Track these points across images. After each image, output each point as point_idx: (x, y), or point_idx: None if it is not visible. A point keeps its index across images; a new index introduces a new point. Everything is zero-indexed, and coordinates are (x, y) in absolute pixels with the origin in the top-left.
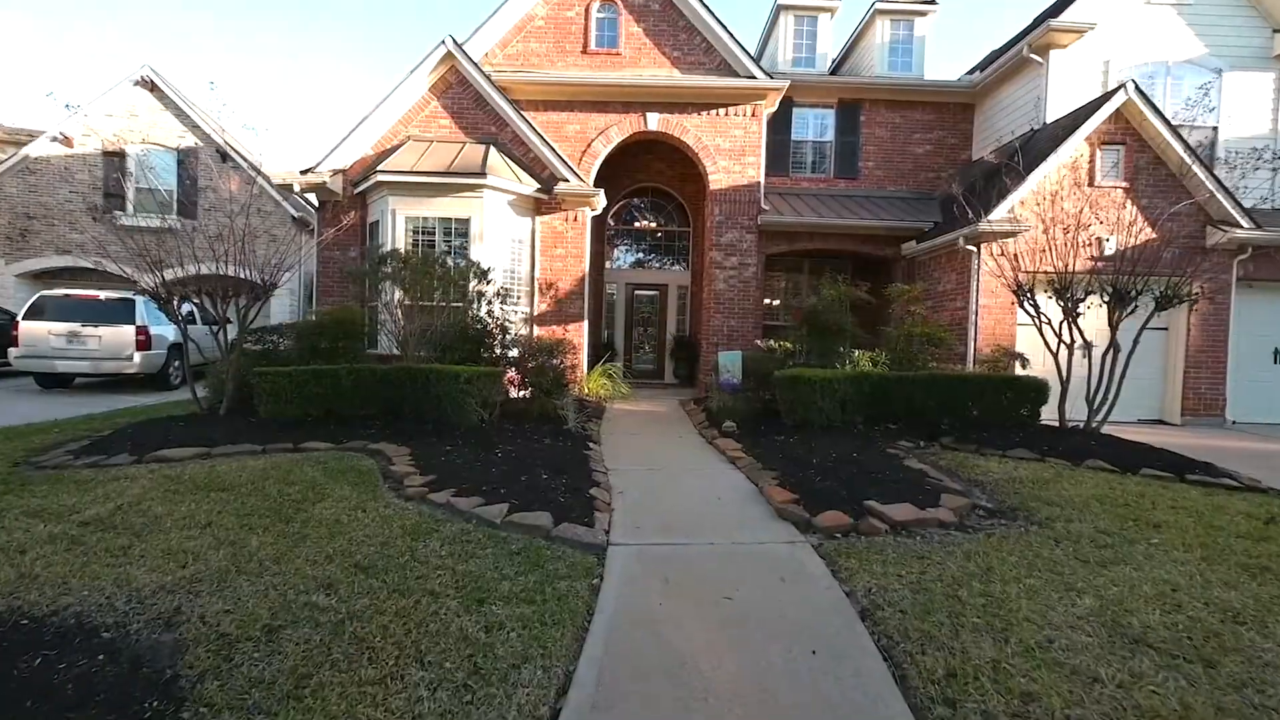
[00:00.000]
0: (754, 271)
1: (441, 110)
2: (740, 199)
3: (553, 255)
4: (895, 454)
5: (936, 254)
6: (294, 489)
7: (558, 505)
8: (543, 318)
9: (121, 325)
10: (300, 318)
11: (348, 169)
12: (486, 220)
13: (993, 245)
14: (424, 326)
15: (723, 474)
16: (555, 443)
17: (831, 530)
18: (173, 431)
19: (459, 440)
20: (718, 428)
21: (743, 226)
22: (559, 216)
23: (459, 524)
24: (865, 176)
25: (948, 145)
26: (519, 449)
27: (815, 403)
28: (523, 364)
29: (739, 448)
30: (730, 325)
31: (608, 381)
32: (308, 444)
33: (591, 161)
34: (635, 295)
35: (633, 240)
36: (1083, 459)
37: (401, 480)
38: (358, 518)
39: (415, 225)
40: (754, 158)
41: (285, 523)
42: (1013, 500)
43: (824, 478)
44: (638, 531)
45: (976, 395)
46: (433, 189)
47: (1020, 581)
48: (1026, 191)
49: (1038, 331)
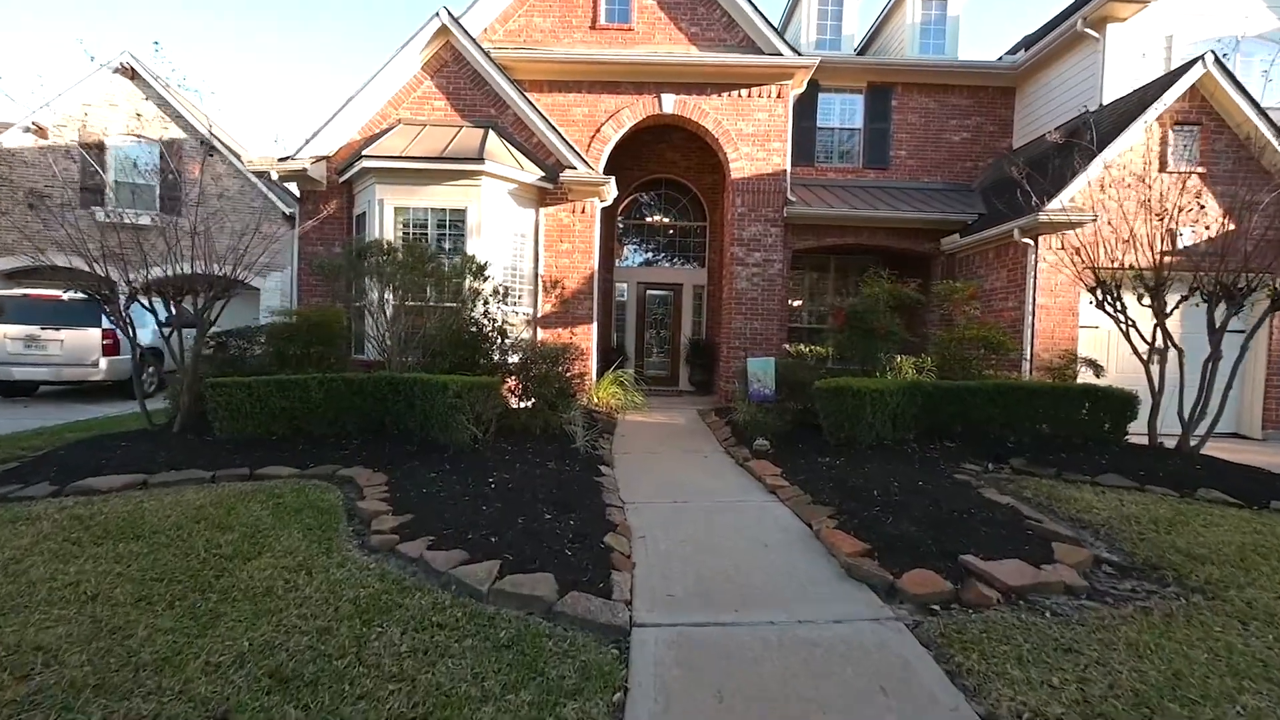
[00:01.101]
0: (779, 268)
1: (435, 91)
2: (764, 189)
3: (558, 251)
4: (965, 480)
5: (983, 249)
6: (228, 537)
7: (563, 561)
8: (547, 319)
9: (86, 328)
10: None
11: (332, 156)
12: (485, 211)
13: (1051, 238)
14: (411, 329)
15: (765, 509)
16: (561, 466)
17: (926, 600)
18: (113, 453)
19: (447, 464)
20: (747, 445)
21: (767, 219)
22: (565, 208)
23: (431, 594)
24: (897, 167)
25: (985, 133)
26: (518, 475)
27: (864, 418)
28: (524, 372)
29: (778, 472)
30: (753, 328)
31: (619, 390)
32: (267, 469)
33: (601, 148)
34: (647, 295)
35: (645, 236)
36: (1192, 488)
37: (369, 521)
38: (298, 585)
39: (405, 217)
40: (779, 143)
41: (201, 592)
42: (1143, 551)
43: (893, 516)
44: (670, 602)
45: (1050, 409)
46: (425, 176)
47: (1234, 700)
48: (1089, 178)
49: (1123, 336)
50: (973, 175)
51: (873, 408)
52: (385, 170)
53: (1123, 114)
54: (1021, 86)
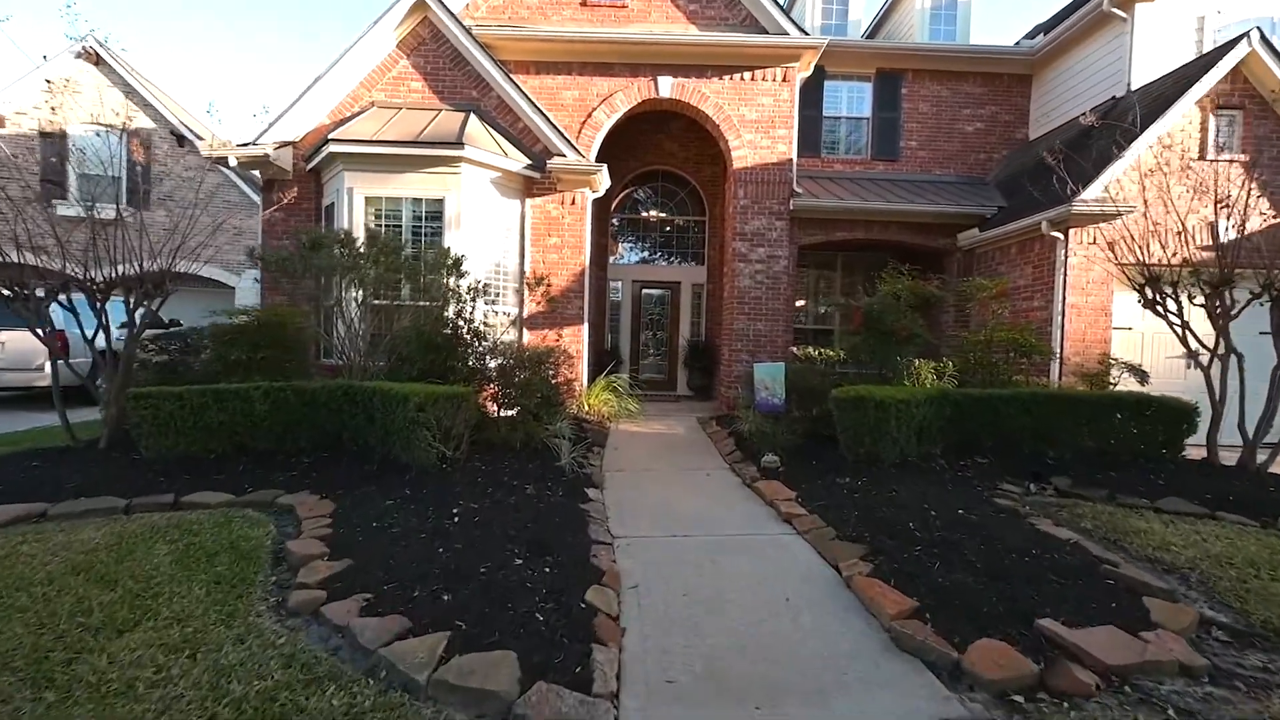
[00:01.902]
0: (785, 265)
1: (412, 71)
2: (769, 179)
3: (546, 246)
4: (1009, 507)
5: (1005, 244)
6: (106, 597)
7: (532, 630)
8: (534, 320)
9: (29, 329)
10: None
11: (298, 142)
12: (465, 202)
13: (1083, 232)
14: (379, 330)
15: (781, 545)
16: (541, 491)
17: (1004, 685)
18: (18, 475)
19: (407, 489)
20: (754, 461)
21: (772, 212)
22: (553, 199)
23: (349, 689)
24: (907, 158)
25: (1001, 122)
26: (488, 504)
27: (888, 431)
28: (506, 378)
29: (792, 497)
30: (756, 329)
31: (611, 396)
32: (195, 495)
33: (593, 134)
34: (643, 295)
35: (640, 232)
36: (1273, 515)
37: (297, 569)
38: (171, 676)
39: (377, 207)
40: (785, 130)
41: (35, 688)
42: (1256, 607)
43: (938, 559)
44: (670, 693)
45: (1095, 420)
46: (398, 162)
47: None
48: (1126, 166)
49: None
50: (987, 168)
51: (898, 420)
52: (354, 156)
53: (1157, 98)
54: (1039, 73)
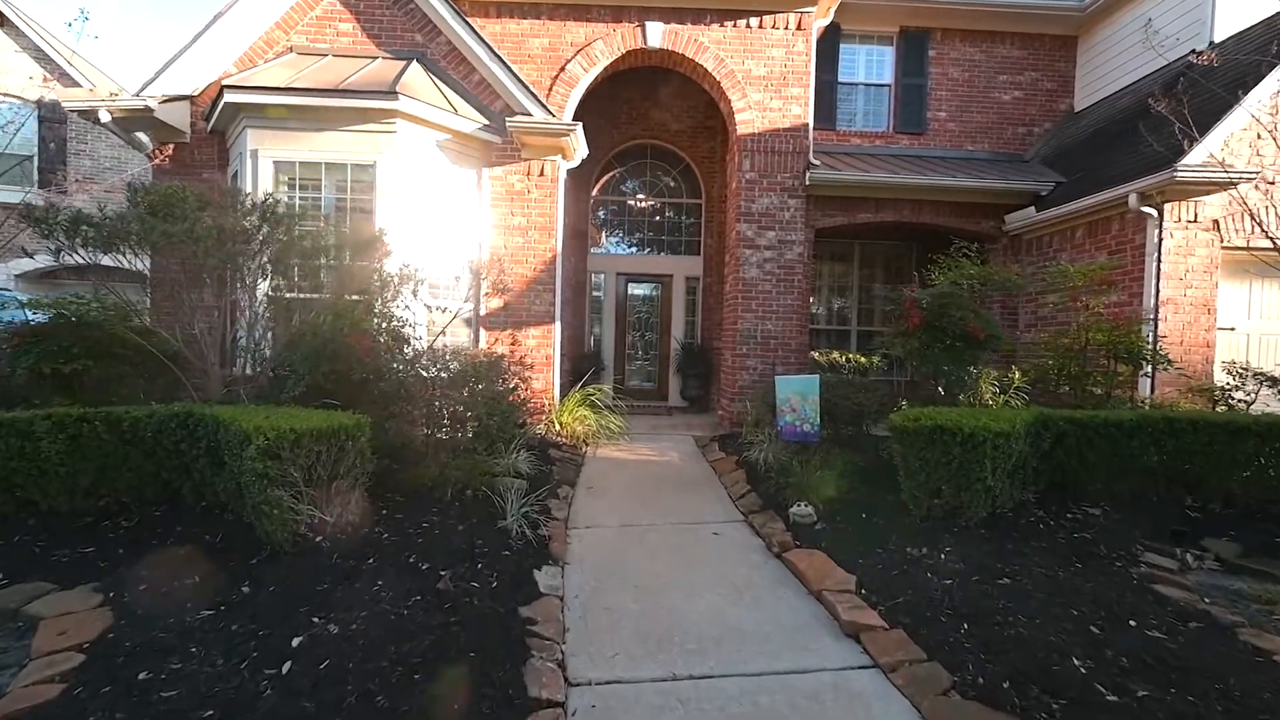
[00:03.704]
0: (800, 252)
1: (340, 9)
2: (781, 148)
3: (509, 227)
4: (1186, 602)
5: (1070, 225)
6: None
7: None
8: (493, 319)
9: None
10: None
11: (196, 96)
12: (402, 169)
13: (1180, 207)
14: (270, 329)
15: (852, 694)
16: (464, 583)
17: None
18: None
19: (247, 583)
20: (777, 509)
21: (784, 188)
22: (517, 169)
23: None
24: (935, 131)
25: (1042, 91)
26: (362, 620)
27: (978, 476)
28: (443, 397)
29: (849, 585)
30: (765, 329)
31: (589, 413)
32: None
33: (566, 92)
34: (629, 290)
35: (626, 217)
36: None
37: None
38: None
39: (290, 175)
40: (800, 89)
41: None
42: None
43: None
44: None
45: (1259, 457)
46: (315, 117)
47: None
48: (1236, 127)
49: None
50: (1026, 143)
51: (994, 460)
52: (259, 109)
53: (1262, 43)
54: (1088, 33)
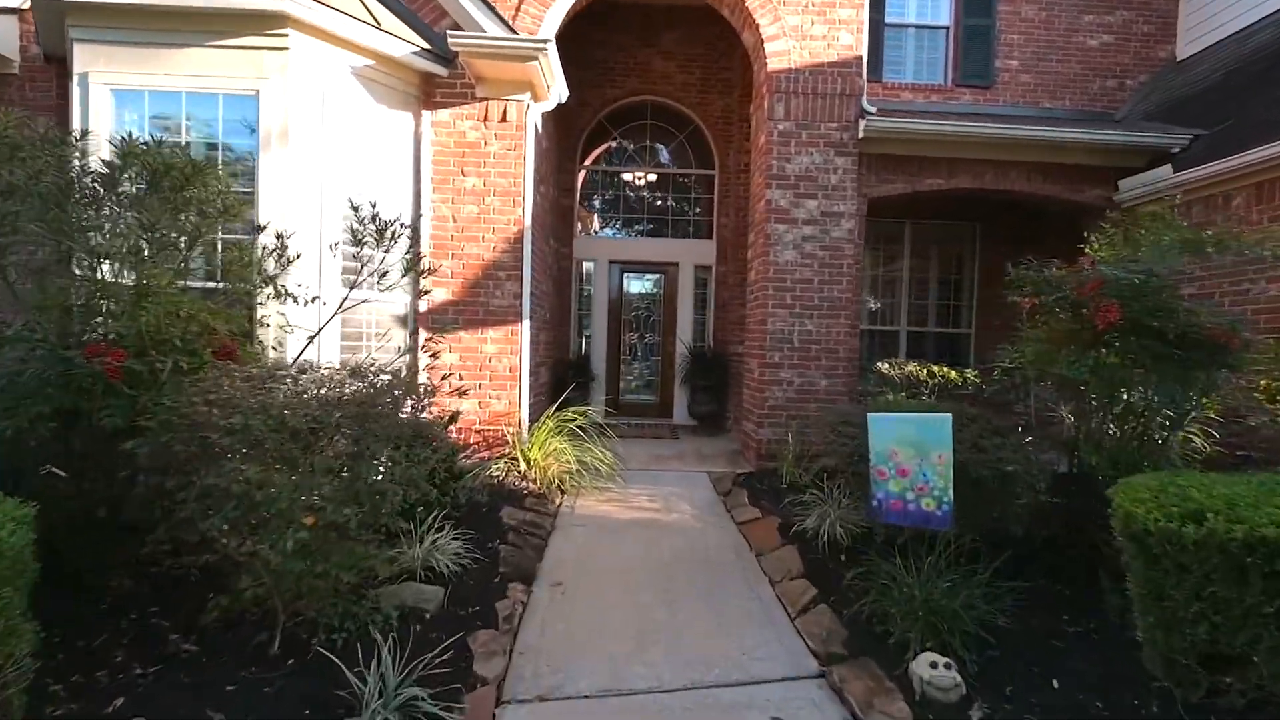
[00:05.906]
0: (851, 227)
1: None
2: (826, 89)
3: (459, 190)
4: None
5: (1226, 189)
6: None
7: None
8: (439, 314)
9: None
10: None
11: (26, 9)
12: (296, 101)
13: None
14: None
15: None
16: None
17: None
18: None
19: None
20: (880, 658)
21: (830, 142)
22: (471, 113)
23: None
24: (1005, 84)
25: (1137, 35)
26: None
27: None
28: (310, 445)
29: None
30: (804, 330)
31: (567, 446)
32: None
33: (540, 11)
34: (626, 282)
35: (621, 192)
36: None
37: None
38: None
39: (138, 110)
40: (850, 9)
41: None
42: None
43: None
44: None
45: None
46: (170, 26)
47: None
48: None
49: None
50: (1116, 99)
51: None
52: (91, 12)
53: None
54: None
